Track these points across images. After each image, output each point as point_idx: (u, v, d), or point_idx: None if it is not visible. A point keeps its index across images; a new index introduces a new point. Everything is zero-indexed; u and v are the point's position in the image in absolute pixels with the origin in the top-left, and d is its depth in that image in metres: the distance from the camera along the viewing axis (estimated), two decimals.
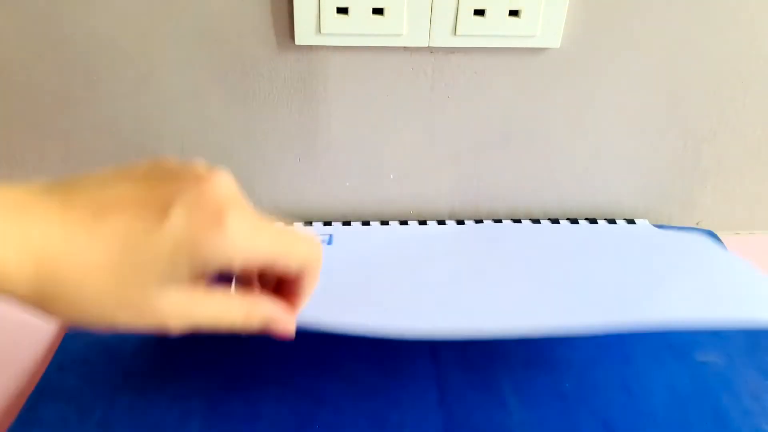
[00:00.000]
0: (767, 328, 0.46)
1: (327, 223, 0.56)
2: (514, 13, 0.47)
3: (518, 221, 0.58)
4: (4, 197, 0.27)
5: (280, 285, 0.36)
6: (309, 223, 0.56)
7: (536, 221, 0.58)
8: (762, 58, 0.51)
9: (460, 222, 0.57)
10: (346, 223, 0.57)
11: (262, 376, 0.44)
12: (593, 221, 0.58)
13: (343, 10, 0.46)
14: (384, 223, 0.57)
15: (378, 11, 0.47)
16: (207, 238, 0.29)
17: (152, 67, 0.49)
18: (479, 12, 0.47)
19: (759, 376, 0.45)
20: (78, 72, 0.49)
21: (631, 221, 0.58)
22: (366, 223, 0.57)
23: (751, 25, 0.49)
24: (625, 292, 0.44)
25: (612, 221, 0.58)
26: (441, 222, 0.57)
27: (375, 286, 0.45)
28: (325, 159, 0.55)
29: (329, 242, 0.53)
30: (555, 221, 0.58)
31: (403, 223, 0.57)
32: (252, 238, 0.30)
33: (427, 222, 0.57)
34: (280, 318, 0.34)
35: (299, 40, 0.48)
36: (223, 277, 0.35)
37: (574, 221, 0.58)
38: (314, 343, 0.45)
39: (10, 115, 0.51)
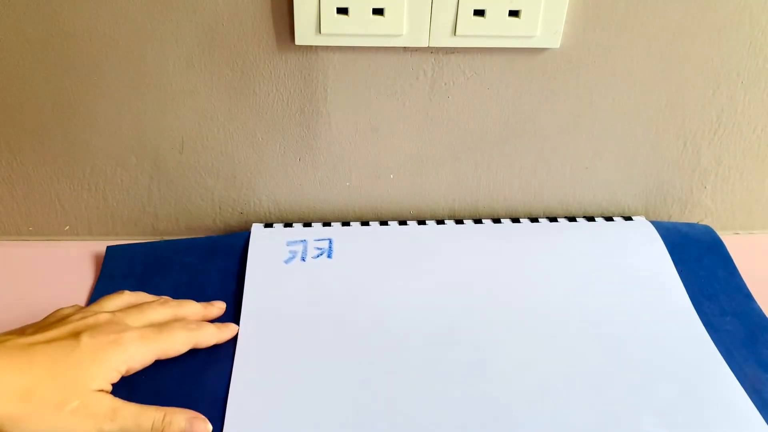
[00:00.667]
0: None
1: (326, 224, 0.56)
2: (514, 13, 0.47)
3: (517, 221, 0.58)
4: None
5: None
6: (308, 223, 0.56)
7: (535, 220, 0.58)
8: (762, 58, 0.51)
9: (460, 222, 0.57)
10: (346, 223, 0.57)
11: None
12: (591, 219, 0.58)
13: (343, 11, 0.46)
14: (383, 223, 0.57)
15: (378, 11, 0.47)
16: (112, 351, 0.39)
17: (152, 67, 0.49)
18: (479, 12, 0.47)
19: (758, 369, 0.45)
20: (78, 72, 0.49)
21: (628, 218, 0.58)
22: (365, 223, 0.57)
23: (751, 25, 0.50)
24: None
25: (609, 219, 0.58)
26: (440, 222, 0.57)
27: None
28: (325, 159, 0.55)
29: (329, 254, 0.53)
30: (553, 220, 0.58)
31: (403, 223, 0.57)
32: (142, 347, 0.41)
33: (427, 222, 0.57)
34: (193, 425, 0.40)
35: (299, 40, 0.48)
36: None
37: (572, 220, 0.58)
38: None
39: (9, 116, 0.51)
